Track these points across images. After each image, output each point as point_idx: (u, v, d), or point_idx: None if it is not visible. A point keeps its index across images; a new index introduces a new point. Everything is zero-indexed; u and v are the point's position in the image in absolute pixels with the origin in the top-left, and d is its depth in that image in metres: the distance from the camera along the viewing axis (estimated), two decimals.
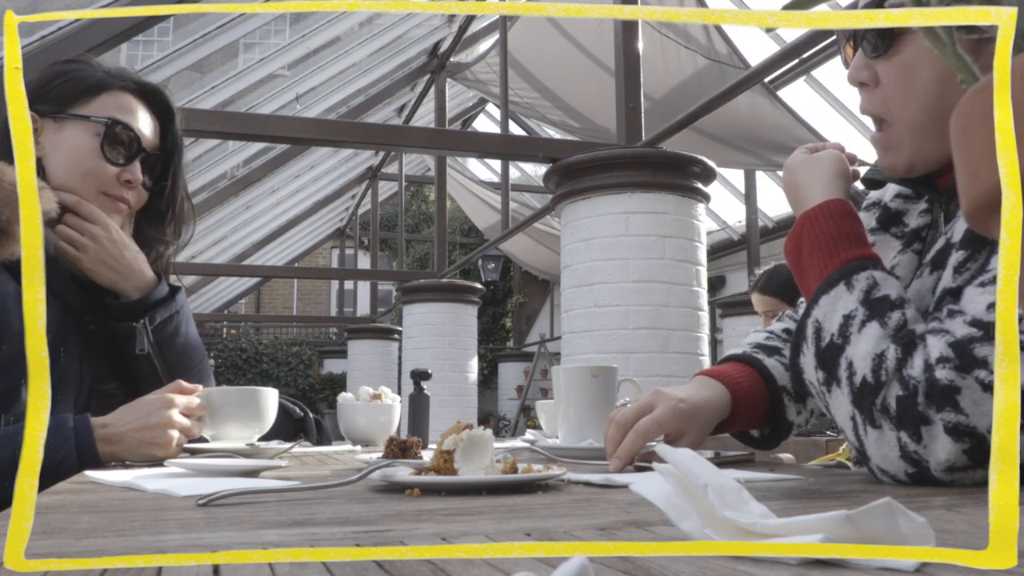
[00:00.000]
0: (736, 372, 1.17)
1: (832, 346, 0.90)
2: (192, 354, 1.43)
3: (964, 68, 0.41)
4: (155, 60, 5.54)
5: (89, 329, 1.36)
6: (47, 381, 0.40)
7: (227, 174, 8.93)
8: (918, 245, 1.08)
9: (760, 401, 1.16)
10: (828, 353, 0.91)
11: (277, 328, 16.94)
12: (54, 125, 1.33)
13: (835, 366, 0.90)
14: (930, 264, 0.98)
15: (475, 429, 0.83)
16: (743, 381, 1.15)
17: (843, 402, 0.89)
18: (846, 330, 0.89)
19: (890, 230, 1.12)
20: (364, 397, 1.68)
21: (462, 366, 7.78)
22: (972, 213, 0.37)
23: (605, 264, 4.03)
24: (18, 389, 1.13)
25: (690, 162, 4.11)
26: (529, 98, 7.61)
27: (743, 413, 1.14)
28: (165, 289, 1.40)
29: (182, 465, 0.99)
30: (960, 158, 0.37)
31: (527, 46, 6.92)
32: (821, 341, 0.92)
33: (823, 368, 0.91)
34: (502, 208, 7.16)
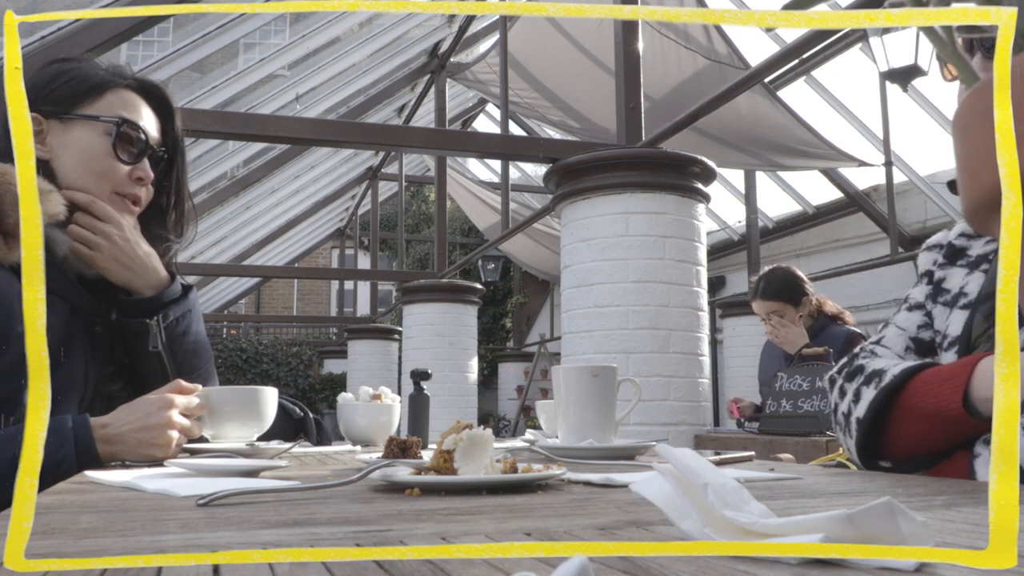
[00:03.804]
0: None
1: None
2: (201, 353, 1.43)
3: (964, 68, 0.41)
4: (155, 60, 5.54)
5: (95, 331, 1.36)
6: (47, 381, 0.40)
7: (227, 174, 8.94)
8: (986, 266, 1.18)
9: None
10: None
11: (277, 328, 16.94)
12: (60, 126, 1.33)
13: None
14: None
15: (475, 429, 0.83)
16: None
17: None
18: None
19: (956, 263, 1.24)
20: (364, 397, 1.68)
21: (462, 366, 7.78)
22: (972, 213, 0.37)
23: (605, 264, 4.03)
24: (23, 391, 1.12)
25: (690, 162, 4.11)
26: (529, 98, 7.61)
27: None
28: (178, 287, 1.41)
29: (182, 465, 0.99)
30: (960, 158, 0.37)
31: (527, 46, 6.92)
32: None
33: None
34: (502, 208, 7.16)
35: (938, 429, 1.05)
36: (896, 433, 1.12)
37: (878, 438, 1.14)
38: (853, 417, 1.16)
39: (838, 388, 1.23)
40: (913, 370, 1.10)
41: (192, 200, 1.53)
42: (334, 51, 7.69)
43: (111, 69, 1.40)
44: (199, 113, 4.60)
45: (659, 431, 3.89)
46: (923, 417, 1.06)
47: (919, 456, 1.12)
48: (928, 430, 1.07)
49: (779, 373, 3.31)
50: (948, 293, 1.23)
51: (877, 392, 1.12)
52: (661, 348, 3.95)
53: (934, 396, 1.04)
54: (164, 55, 5.55)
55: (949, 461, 1.09)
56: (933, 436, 1.08)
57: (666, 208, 4.05)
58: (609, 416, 1.31)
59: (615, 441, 1.32)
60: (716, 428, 4.38)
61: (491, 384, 14.56)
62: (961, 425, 1.02)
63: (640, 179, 4.03)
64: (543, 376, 11.60)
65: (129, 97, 1.39)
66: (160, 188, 1.46)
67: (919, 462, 1.13)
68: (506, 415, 13.50)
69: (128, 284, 1.35)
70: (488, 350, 14.88)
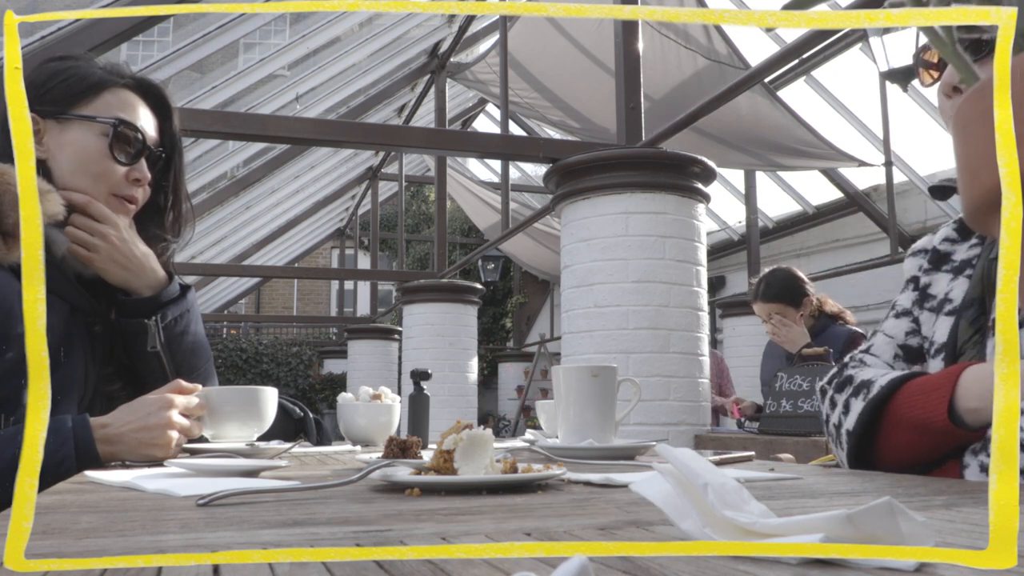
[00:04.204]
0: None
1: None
2: (200, 353, 1.43)
3: (964, 68, 0.41)
4: (155, 60, 5.54)
5: (95, 331, 1.36)
6: (47, 381, 0.40)
7: (227, 174, 8.94)
8: (969, 271, 1.18)
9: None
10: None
11: (277, 328, 16.94)
12: (57, 126, 1.32)
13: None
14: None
15: (475, 429, 0.83)
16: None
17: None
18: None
19: (941, 269, 1.24)
20: (364, 397, 1.68)
21: (462, 366, 7.78)
22: (972, 213, 0.37)
23: (605, 264, 4.03)
24: (23, 391, 1.12)
25: (690, 162, 4.11)
26: (529, 98, 7.61)
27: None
28: (177, 287, 1.41)
29: (182, 465, 0.99)
30: (960, 158, 0.37)
31: (527, 46, 6.92)
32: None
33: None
34: (502, 208, 7.16)
35: (926, 440, 1.06)
36: (886, 444, 1.12)
37: (869, 449, 1.14)
38: (843, 429, 1.16)
39: (828, 399, 1.23)
40: (899, 381, 1.10)
41: (191, 200, 1.53)
42: (334, 51, 7.69)
43: (108, 68, 1.39)
44: (199, 113, 4.60)
45: (659, 431, 3.89)
46: (911, 428, 1.06)
47: (910, 466, 1.12)
48: (916, 441, 1.07)
49: (779, 373, 3.31)
50: (934, 299, 1.23)
51: (865, 404, 1.12)
52: (661, 348, 3.95)
53: (920, 407, 1.04)
54: (164, 55, 5.55)
55: (940, 471, 1.09)
56: (922, 446, 1.08)
57: (666, 208, 4.05)
58: (609, 416, 1.31)
59: (615, 441, 1.32)
60: (716, 428, 4.38)
61: (491, 384, 14.56)
62: (948, 436, 1.02)
63: (640, 179, 4.03)
64: (543, 376, 11.60)
65: (127, 97, 1.38)
66: (158, 188, 1.45)
67: (911, 472, 1.14)
68: (506, 415, 13.50)
69: (126, 284, 1.35)
70: (488, 350, 14.88)
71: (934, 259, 1.26)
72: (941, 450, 1.07)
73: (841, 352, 3.17)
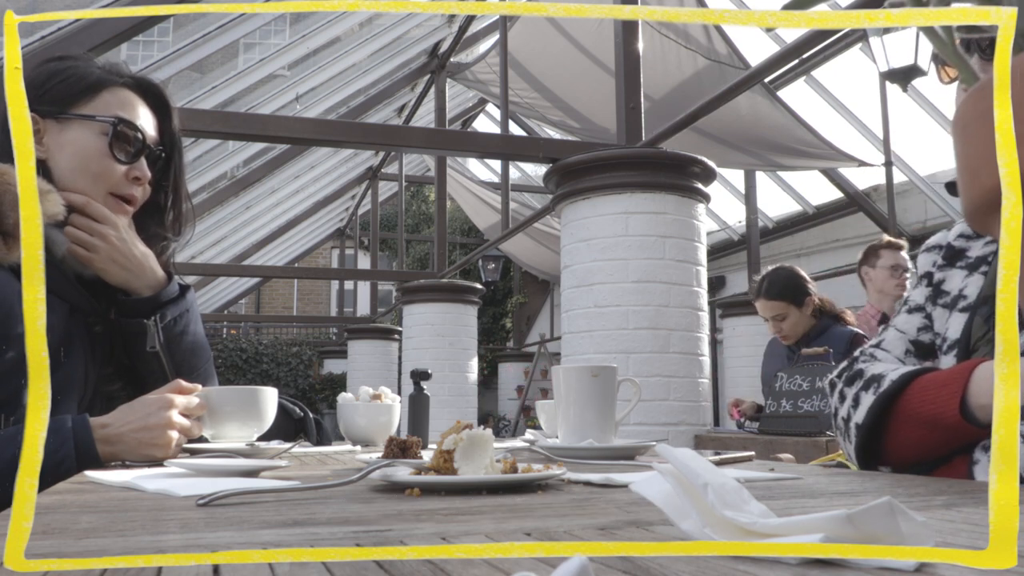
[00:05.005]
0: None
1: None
2: (200, 353, 1.43)
3: (964, 68, 0.41)
4: (155, 60, 5.54)
5: (95, 331, 1.36)
6: (47, 381, 0.40)
7: (227, 174, 8.94)
8: (985, 268, 1.17)
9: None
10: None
11: (277, 328, 16.94)
12: (57, 126, 1.32)
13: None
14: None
15: (475, 429, 0.83)
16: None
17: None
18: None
19: (955, 265, 1.23)
20: (364, 397, 1.68)
21: (462, 366, 7.78)
22: (972, 213, 0.37)
23: (605, 264, 4.03)
24: (23, 391, 1.12)
25: (690, 162, 4.11)
26: (529, 98, 7.61)
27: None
28: (176, 287, 1.41)
29: (182, 465, 0.99)
30: (960, 158, 0.37)
31: (527, 46, 6.92)
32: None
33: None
34: (502, 208, 7.16)
35: (936, 435, 1.05)
36: (895, 439, 1.11)
37: (877, 443, 1.14)
38: (852, 422, 1.16)
39: (838, 392, 1.23)
40: (911, 375, 1.10)
41: (190, 200, 1.52)
42: (334, 51, 7.69)
43: (108, 67, 1.39)
44: (199, 113, 4.60)
45: (659, 431, 3.89)
46: (921, 423, 1.06)
47: (918, 461, 1.12)
48: (926, 436, 1.07)
49: (779, 373, 3.31)
50: (948, 295, 1.22)
51: (876, 398, 1.12)
52: (661, 348, 3.96)
53: (931, 402, 1.04)
54: (164, 55, 5.55)
55: (948, 466, 1.09)
56: (931, 442, 1.07)
57: (666, 208, 4.05)
58: (609, 416, 1.31)
59: (615, 441, 1.32)
60: (716, 428, 4.38)
61: (491, 384, 14.55)
62: (959, 432, 1.02)
63: (640, 179, 4.03)
64: (543, 376, 11.60)
65: (126, 96, 1.38)
66: (158, 187, 1.45)
67: (918, 467, 1.13)
68: (506, 415, 13.50)
69: (125, 284, 1.35)
70: (488, 350, 14.88)
71: (948, 255, 1.25)
72: (951, 446, 1.07)
73: (843, 353, 3.17)
